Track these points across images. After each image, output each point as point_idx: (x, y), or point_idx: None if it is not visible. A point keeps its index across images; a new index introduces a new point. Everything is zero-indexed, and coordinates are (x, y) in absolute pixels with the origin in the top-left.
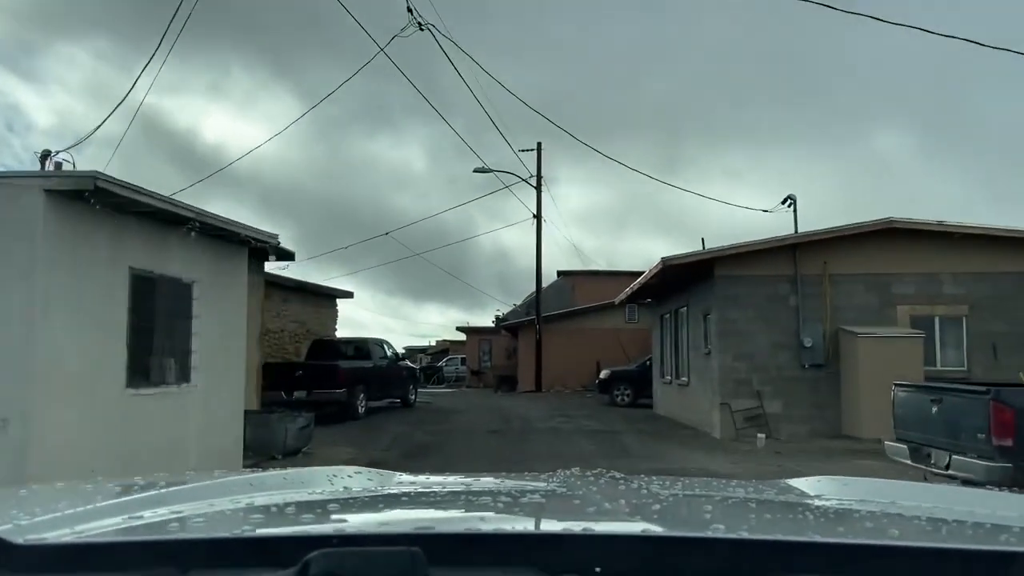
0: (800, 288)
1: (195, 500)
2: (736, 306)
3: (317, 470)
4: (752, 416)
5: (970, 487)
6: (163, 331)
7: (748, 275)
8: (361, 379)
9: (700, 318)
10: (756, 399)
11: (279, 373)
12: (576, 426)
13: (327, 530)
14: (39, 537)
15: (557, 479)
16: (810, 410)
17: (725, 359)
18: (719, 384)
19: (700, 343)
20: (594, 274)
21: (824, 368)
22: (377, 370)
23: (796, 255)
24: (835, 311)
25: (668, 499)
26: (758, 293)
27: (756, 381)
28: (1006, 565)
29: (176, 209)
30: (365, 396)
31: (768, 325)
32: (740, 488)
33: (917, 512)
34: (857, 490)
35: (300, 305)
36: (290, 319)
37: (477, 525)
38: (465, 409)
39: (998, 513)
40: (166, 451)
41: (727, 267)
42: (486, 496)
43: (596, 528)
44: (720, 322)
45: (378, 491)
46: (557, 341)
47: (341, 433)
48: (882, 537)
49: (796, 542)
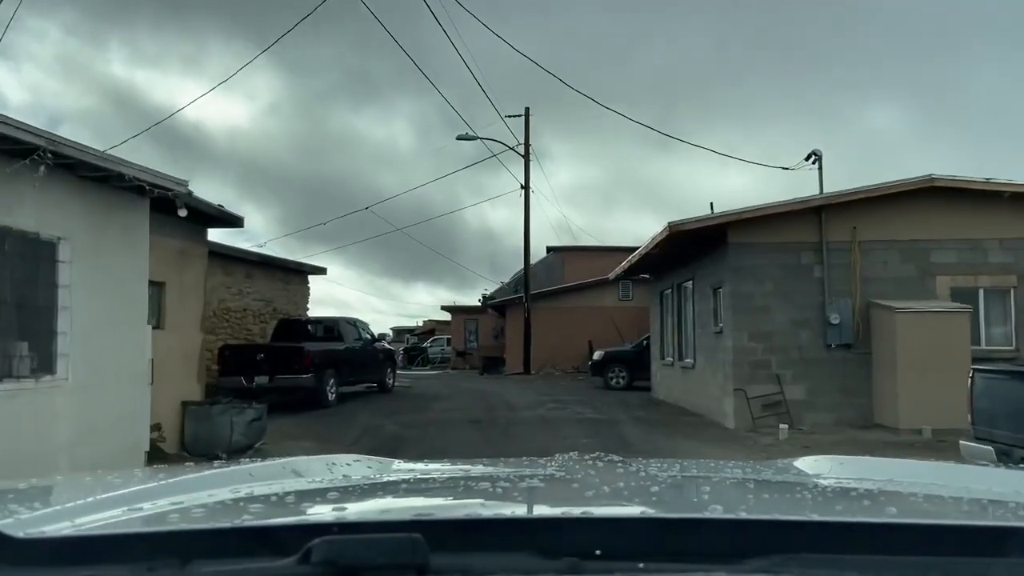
0: (826, 257)
1: (195, 491)
2: (752, 278)
3: (316, 459)
4: (771, 403)
5: (970, 464)
6: (6, 306)
7: (766, 242)
8: (331, 362)
9: (709, 293)
10: (775, 384)
11: (238, 357)
12: (568, 414)
13: (328, 518)
14: (39, 530)
15: (556, 463)
16: (837, 396)
17: (739, 338)
18: (732, 367)
19: (709, 321)
20: (585, 250)
21: (853, 348)
22: (350, 352)
23: (822, 219)
24: (865, 283)
25: (666, 481)
26: (777, 263)
27: (775, 363)
28: (1002, 540)
29: (15, 132)
30: (336, 381)
31: (789, 299)
32: (738, 469)
33: (914, 489)
34: (854, 468)
35: (266, 281)
36: (254, 297)
37: (477, 510)
38: (447, 394)
39: (994, 489)
40: (16, 468)
41: (742, 233)
42: (485, 481)
43: (595, 511)
44: (734, 296)
45: (377, 478)
46: (547, 320)
47: (306, 424)
48: (879, 515)
49: (794, 521)
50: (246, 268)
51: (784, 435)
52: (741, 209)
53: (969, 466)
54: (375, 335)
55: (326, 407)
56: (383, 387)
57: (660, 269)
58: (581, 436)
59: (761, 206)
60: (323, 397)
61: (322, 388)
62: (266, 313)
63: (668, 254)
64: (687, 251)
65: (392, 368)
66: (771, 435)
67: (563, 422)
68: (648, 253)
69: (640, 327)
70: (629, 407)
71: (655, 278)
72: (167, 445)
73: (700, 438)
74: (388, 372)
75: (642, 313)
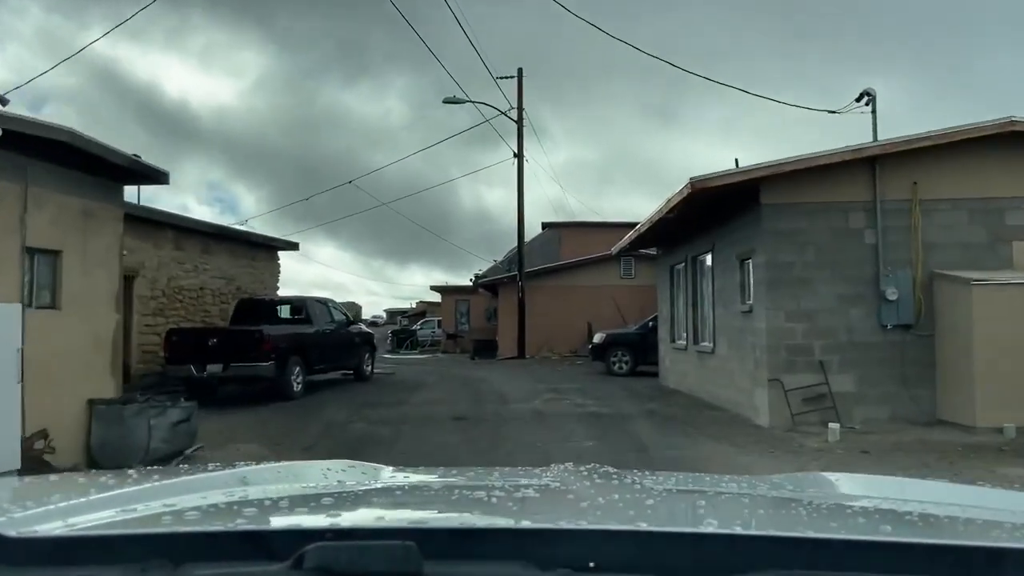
0: (880, 219)
1: (188, 493)
2: (790, 245)
3: (310, 464)
4: (813, 396)
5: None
6: None
7: (808, 202)
8: (297, 348)
9: (734, 265)
10: (818, 373)
11: (187, 342)
12: (569, 407)
13: (322, 524)
14: (32, 530)
15: (551, 473)
16: (892, 387)
17: (775, 319)
18: (767, 353)
19: (734, 298)
20: (583, 226)
21: (913, 329)
22: (320, 336)
23: (876, 172)
24: (928, 250)
25: (662, 494)
26: (821, 226)
27: (818, 348)
28: (997, 561)
29: None
30: (303, 369)
31: (835, 271)
32: (733, 483)
33: (909, 508)
34: (850, 486)
35: (227, 257)
36: (213, 274)
37: (471, 519)
38: (432, 383)
39: (990, 510)
40: None
41: (778, 191)
42: (480, 490)
43: (590, 523)
44: (768, 268)
45: (372, 485)
46: (542, 300)
47: (260, 421)
48: (874, 533)
49: (789, 537)
50: (202, 241)
51: (835, 436)
52: (778, 161)
53: (966, 486)
54: (350, 316)
55: (291, 399)
56: (360, 375)
57: (672, 240)
58: (585, 438)
59: (803, 156)
60: (287, 388)
61: (285, 377)
62: (228, 293)
63: (684, 220)
64: (707, 216)
65: (371, 353)
66: (816, 435)
67: (563, 418)
68: (662, 219)
69: (644, 307)
70: (638, 398)
71: (664, 251)
72: (61, 456)
73: (732, 440)
74: (366, 358)
75: (646, 292)
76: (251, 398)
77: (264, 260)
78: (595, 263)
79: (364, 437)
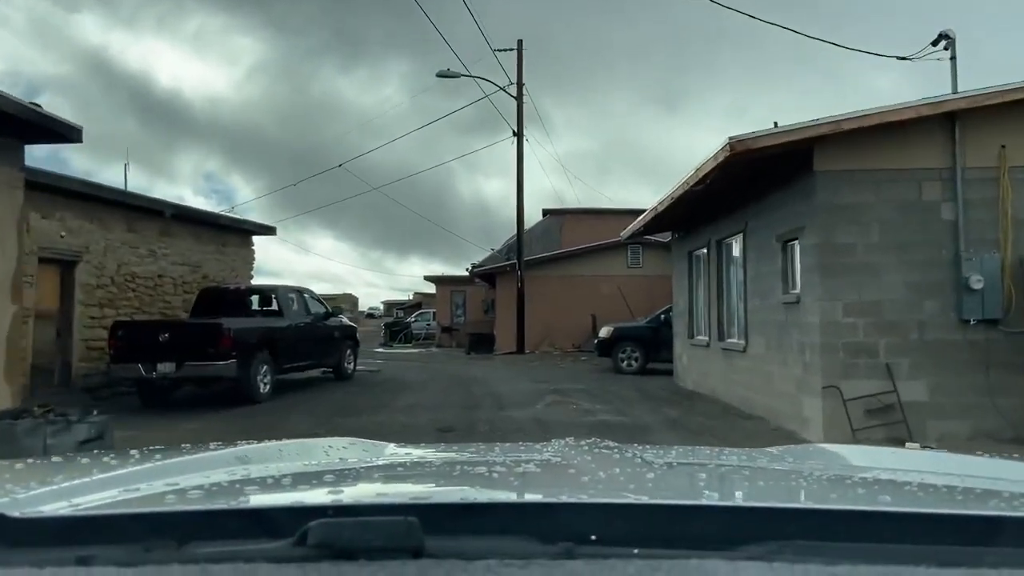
0: (961, 191)
1: (191, 472)
2: (850, 222)
3: (312, 441)
4: (878, 407)
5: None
6: None
7: (872, 170)
8: (265, 343)
9: (774, 247)
10: (884, 378)
11: (135, 337)
12: (576, 415)
13: (324, 500)
14: (36, 510)
15: (551, 448)
16: (975, 396)
17: (830, 312)
18: (821, 354)
19: (774, 286)
20: (587, 213)
21: (1001, 325)
22: (293, 331)
23: (955, 133)
24: (1021, 228)
25: (662, 467)
26: (888, 199)
27: (884, 348)
28: (996, 529)
29: None
30: (271, 368)
31: (904, 254)
32: (733, 456)
33: (909, 478)
34: (850, 457)
35: (191, 241)
36: (174, 260)
37: (473, 494)
38: (420, 382)
39: (989, 479)
40: None
41: (836, 155)
42: (481, 466)
43: (591, 496)
44: (822, 250)
45: (373, 462)
46: (543, 291)
47: (211, 432)
48: (874, 503)
49: (789, 509)
50: (160, 223)
51: None
52: (837, 116)
53: (965, 456)
54: (329, 309)
55: (256, 402)
56: (340, 373)
57: (690, 223)
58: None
59: (867, 111)
60: (252, 390)
61: (249, 378)
62: (192, 281)
63: (708, 198)
64: (736, 192)
65: (353, 349)
66: None
67: (570, 430)
68: (687, 193)
69: (653, 298)
70: (654, 402)
71: (681, 236)
72: None
73: None
74: (347, 354)
75: (655, 283)
76: (210, 401)
77: (235, 245)
78: (600, 251)
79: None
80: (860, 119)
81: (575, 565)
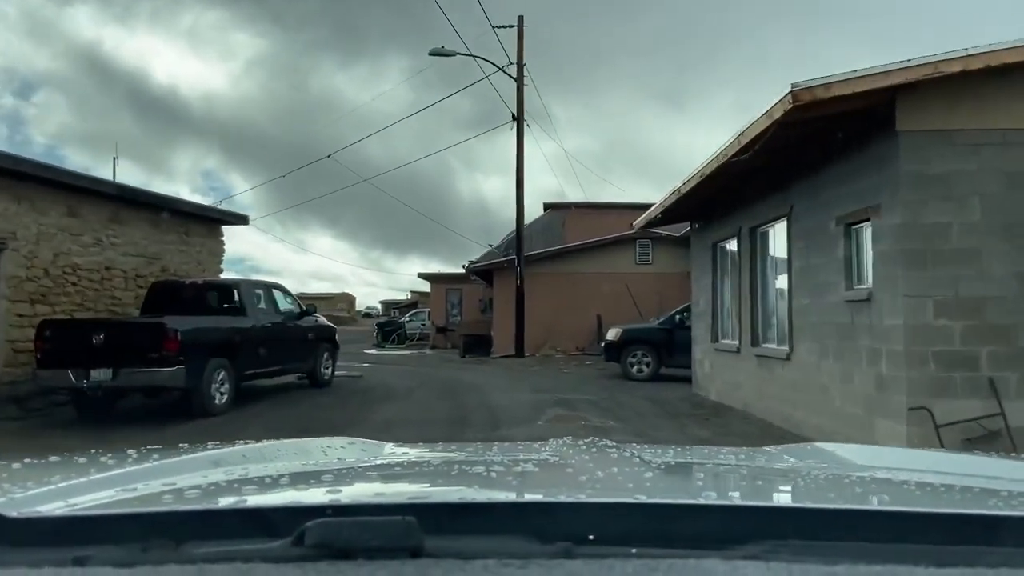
0: None
1: (189, 472)
2: (944, 199)
3: (310, 441)
4: (979, 435)
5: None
6: None
7: (972, 130)
8: (222, 347)
9: (834, 232)
10: (988, 397)
11: (65, 339)
12: (586, 435)
13: (322, 500)
14: (33, 510)
15: (550, 448)
16: None
17: (917, 312)
18: (904, 365)
19: (833, 280)
20: (591, 207)
21: None
22: (258, 332)
23: None
24: None
25: (660, 467)
26: (993, 168)
27: (986, 359)
28: (993, 528)
29: None
30: (230, 375)
31: (1013, 238)
32: (731, 455)
33: (907, 477)
34: (849, 456)
35: (148, 230)
36: (126, 250)
37: (471, 494)
38: (406, 390)
39: (987, 478)
40: None
41: (926, 111)
42: (479, 465)
43: (589, 496)
44: (906, 233)
45: (371, 461)
46: (544, 289)
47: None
48: (872, 502)
49: (787, 508)
50: (110, 208)
51: None
52: (930, 57)
53: (964, 455)
54: (304, 306)
55: (211, 415)
56: (315, 380)
57: (716, 209)
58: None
59: (977, 49)
60: (204, 401)
61: (200, 387)
62: (148, 275)
63: (744, 173)
64: (781, 167)
65: (331, 352)
66: None
67: None
68: (723, 166)
69: (664, 297)
70: (676, 418)
71: (701, 226)
72: None
73: None
74: (323, 358)
75: (666, 280)
76: (157, 414)
77: (201, 236)
78: (606, 246)
79: None
80: (965, 59)
81: (573, 565)
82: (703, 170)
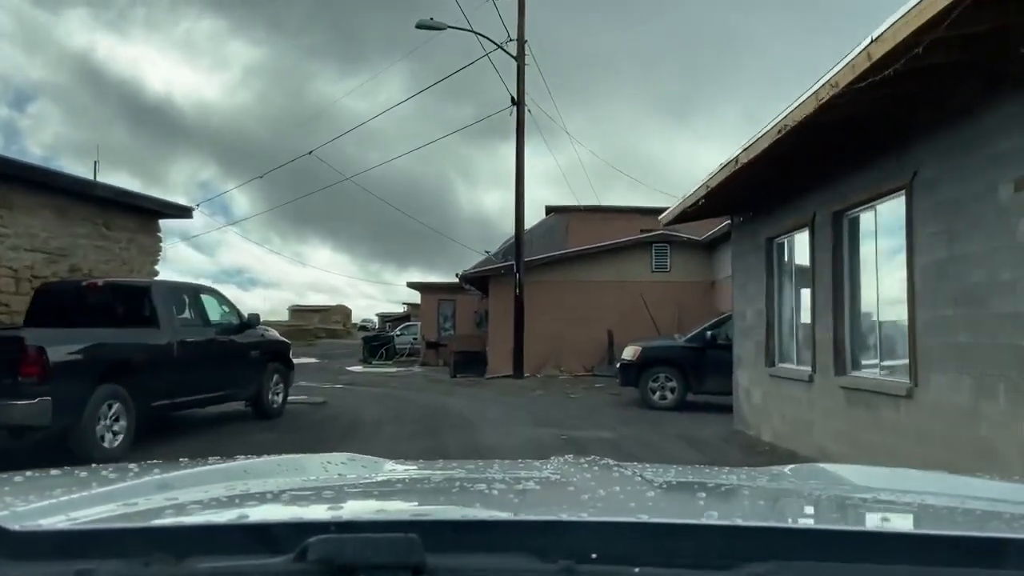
0: None
1: (190, 486)
2: None
3: (310, 457)
4: None
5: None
6: None
7: None
8: (114, 370)
9: (1004, 204)
10: None
11: None
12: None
13: (324, 516)
14: (35, 523)
15: (551, 466)
16: None
17: None
18: None
19: (999, 278)
20: (598, 211)
21: None
22: (176, 349)
23: None
24: None
25: (662, 486)
26: None
27: None
28: (995, 551)
29: None
30: (128, 408)
31: None
32: (733, 475)
33: (909, 499)
34: (850, 477)
35: (51, 219)
36: (17, 243)
37: (473, 511)
38: (374, 424)
39: (989, 500)
40: None
41: None
42: (481, 483)
43: (591, 515)
44: None
45: (372, 478)
46: (547, 300)
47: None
48: (874, 524)
49: (789, 528)
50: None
51: None
52: None
53: (967, 477)
54: (245, 317)
55: (93, 461)
56: (261, 409)
57: (777, 192)
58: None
59: None
60: (85, 443)
61: (79, 425)
62: (51, 275)
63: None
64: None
65: (283, 375)
66: None
67: None
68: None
69: (684, 309)
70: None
71: (747, 218)
72: None
73: None
74: (272, 382)
75: (685, 290)
76: (24, 458)
77: (129, 230)
78: (617, 251)
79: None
80: None
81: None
82: (783, 122)
